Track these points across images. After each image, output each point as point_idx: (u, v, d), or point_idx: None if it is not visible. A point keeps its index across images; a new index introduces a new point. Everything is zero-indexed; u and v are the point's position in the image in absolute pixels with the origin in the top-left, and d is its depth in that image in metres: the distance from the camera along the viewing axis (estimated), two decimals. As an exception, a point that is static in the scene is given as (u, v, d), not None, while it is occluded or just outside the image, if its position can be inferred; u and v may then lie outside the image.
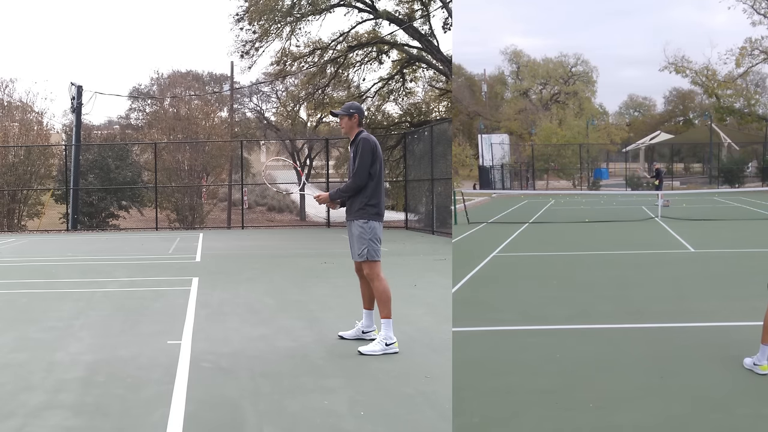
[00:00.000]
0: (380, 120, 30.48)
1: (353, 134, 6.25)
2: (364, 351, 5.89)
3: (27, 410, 4.56)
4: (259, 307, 8.23)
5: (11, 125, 31.86)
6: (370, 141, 6.13)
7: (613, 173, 51.84)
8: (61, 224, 28.22)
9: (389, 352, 5.91)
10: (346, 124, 6.27)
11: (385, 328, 5.98)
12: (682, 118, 63.19)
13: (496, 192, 35.77)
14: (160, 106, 37.92)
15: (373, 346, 5.92)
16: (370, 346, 5.96)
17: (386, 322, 5.98)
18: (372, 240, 6.12)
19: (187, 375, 5.28)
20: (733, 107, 47.92)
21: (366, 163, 6.06)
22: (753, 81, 47.93)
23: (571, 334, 6.44)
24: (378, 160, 6.14)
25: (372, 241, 6.12)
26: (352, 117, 6.23)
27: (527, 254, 12.24)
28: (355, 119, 6.24)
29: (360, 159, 6.06)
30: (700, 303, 7.72)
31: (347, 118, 6.25)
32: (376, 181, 6.15)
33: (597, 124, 52.12)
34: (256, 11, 25.31)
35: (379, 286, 6.07)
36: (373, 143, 6.13)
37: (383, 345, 5.90)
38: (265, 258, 14.39)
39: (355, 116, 6.23)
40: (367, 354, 5.85)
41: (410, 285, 9.80)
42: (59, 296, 9.27)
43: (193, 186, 33.10)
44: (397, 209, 30.15)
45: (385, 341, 5.92)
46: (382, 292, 6.05)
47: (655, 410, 4.39)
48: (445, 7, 25.62)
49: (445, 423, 4.25)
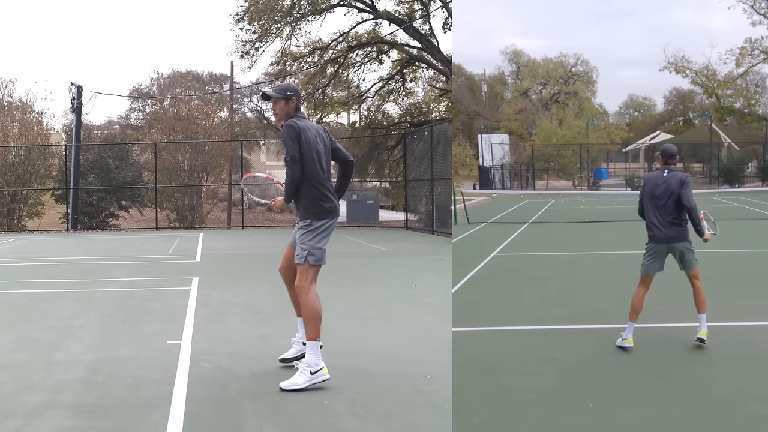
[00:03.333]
0: (380, 120, 30.46)
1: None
2: (285, 387, 4.83)
3: (27, 410, 4.56)
4: (259, 307, 8.23)
5: (11, 125, 31.85)
6: (293, 125, 5.03)
7: (613, 173, 51.81)
8: (61, 224, 28.21)
9: (317, 381, 4.86)
10: (282, 109, 5.16)
11: (310, 352, 4.94)
12: (682, 118, 63.15)
13: (496, 192, 35.76)
14: (160, 106, 37.92)
15: (296, 379, 4.86)
16: (292, 379, 4.88)
17: (312, 344, 4.95)
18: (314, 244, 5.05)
19: (187, 375, 5.28)
20: (733, 107, 47.91)
21: (290, 148, 4.96)
22: (753, 81, 47.96)
23: (571, 334, 6.44)
24: (308, 148, 5.03)
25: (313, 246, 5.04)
26: (289, 101, 5.16)
27: (527, 254, 12.24)
28: (293, 103, 5.17)
29: (285, 145, 5.00)
30: (700, 303, 7.71)
31: (283, 102, 5.15)
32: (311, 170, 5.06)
33: (597, 124, 52.10)
34: (256, 11, 25.30)
35: (306, 300, 5.02)
36: (296, 128, 5.01)
37: (308, 375, 4.85)
38: (265, 258, 14.38)
39: (293, 100, 5.16)
40: (289, 390, 4.81)
41: (410, 285, 9.80)
42: (59, 296, 9.27)
43: (193, 186, 33.09)
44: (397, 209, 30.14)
45: (309, 369, 4.86)
46: (309, 308, 5.01)
47: (655, 410, 4.39)
48: (445, 7, 25.62)
49: (445, 423, 4.25)
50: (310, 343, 4.95)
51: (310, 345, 4.95)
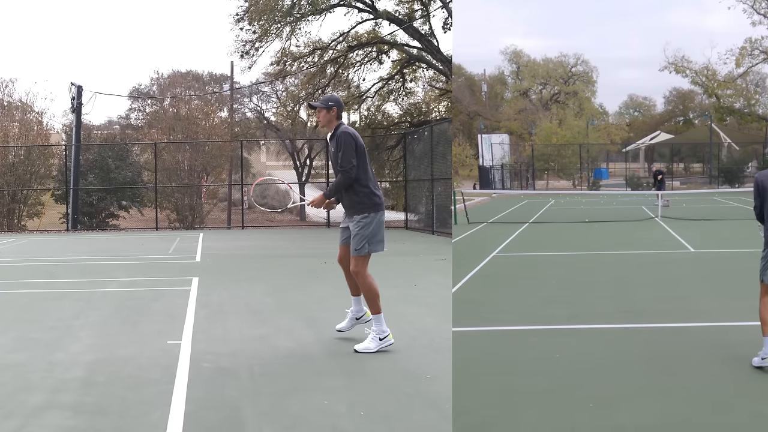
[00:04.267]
0: (380, 120, 30.46)
1: (332, 128, 6.10)
2: (360, 349, 5.88)
3: (27, 410, 4.56)
4: (259, 307, 8.23)
5: (11, 125, 31.85)
6: (350, 133, 6.00)
7: (613, 173, 51.80)
8: (61, 224, 28.20)
9: (385, 345, 5.90)
10: (324, 117, 6.10)
11: (376, 323, 5.98)
12: (682, 118, 63.14)
13: (496, 192, 35.75)
14: (160, 106, 37.91)
15: (368, 344, 5.90)
16: (364, 343, 5.93)
17: (376, 317, 5.98)
18: (372, 235, 6.02)
19: (187, 375, 5.28)
20: (733, 107, 47.91)
21: (350, 152, 5.92)
22: (753, 81, 47.93)
23: (571, 334, 6.44)
24: (361, 152, 6.01)
25: (371, 237, 6.02)
26: (330, 110, 6.07)
27: (527, 254, 12.24)
28: (334, 112, 6.07)
29: (344, 153, 5.92)
30: (700, 303, 7.72)
31: (325, 111, 6.08)
32: (363, 172, 6.01)
33: (597, 124, 52.10)
34: (256, 11, 25.30)
35: (364, 283, 6.00)
36: (352, 134, 6.00)
37: (377, 341, 5.89)
38: (265, 258, 14.38)
39: (334, 109, 6.07)
40: (363, 352, 5.84)
41: (410, 285, 9.79)
42: (59, 296, 9.26)
43: (193, 186, 33.09)
44: (397, 209, 30.12)
45: (378, 336, 5.91)
46: (369, 289, 5.99)
47: (655, 410, 4.39)
48: (445, 7, 25.62)
49: (445, 423, 4.25)
50: (375, 316, 5.98)
51: (375, 318, 5.98)
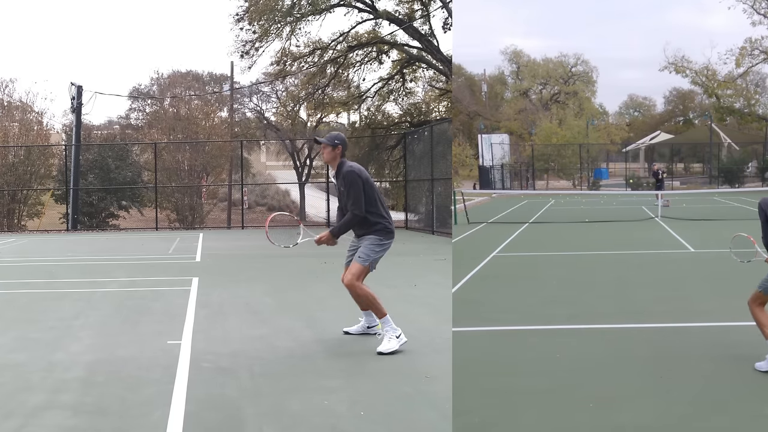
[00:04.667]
0: (380, 120, 30.45)
1: (335, 165, 6.25)
2: (383, 350, 5.90)
3: (27, 410, 4.56)
4: (259, 307, 8.23)
5: (11, 125, 31.87)
6: (355, 171, 6.13)
7: (613, 173, 51.79)
8: (61, 224, 28.20)
9: (402, 342, 6.02)
10: (329, 154, 6.25)
11: (385, 325, 6.06)
12: (682, 118, 63.13)
13: (496, 192, 35.75)
14: (160, 106, 37.91)
15: (387, 344, 5.94)
16: (384, 344, 5.97)
17: (384, 320, 6.06)
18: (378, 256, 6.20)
19: (187, 375, 5.28)
20: (733, 107, 47.88)
21: (359, 194, 6.06)
22: (753, 81, 47.91)
23: (572, 334, 6.44)
24: (368, 187, 6.15)
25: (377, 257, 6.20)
26: (336, 148, 6.21)
27: (527, 254, 12.24)
28: (339, 150, 6.22)
29: (353, 192, 6.07)
30: (700, 303, 7.72)
31: (331, 149, 6.23)
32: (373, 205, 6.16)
33: (597, 124, 52.09)
34: (256, 11, 25.30)
35: (360, 293, 6.12)
36: (357, 171, 6.13)
37: (395, 340, 5.97)
38: (265, 258, 14.38)
39: (339, 147, 6.21)
40: (387, 352, 5.87)
41: (410, 285, 9.80)
42: (59, 296, 9.26)
43: (193, 186, 33.10)
44: (397, 209, 30.10)
45: (394, 335, 6.01)
46: (366, 296, 6.12)
47: (655, 410, 4.39)
48: (445, 7, 25.61)
49: (445, 423, 4.25)
50: (383, 319, 6.06)
51: (383, 321, 6.06)
